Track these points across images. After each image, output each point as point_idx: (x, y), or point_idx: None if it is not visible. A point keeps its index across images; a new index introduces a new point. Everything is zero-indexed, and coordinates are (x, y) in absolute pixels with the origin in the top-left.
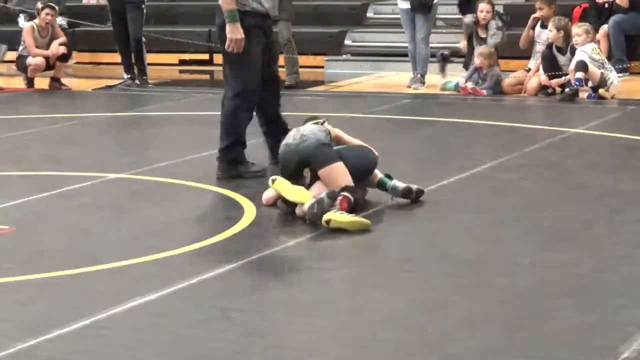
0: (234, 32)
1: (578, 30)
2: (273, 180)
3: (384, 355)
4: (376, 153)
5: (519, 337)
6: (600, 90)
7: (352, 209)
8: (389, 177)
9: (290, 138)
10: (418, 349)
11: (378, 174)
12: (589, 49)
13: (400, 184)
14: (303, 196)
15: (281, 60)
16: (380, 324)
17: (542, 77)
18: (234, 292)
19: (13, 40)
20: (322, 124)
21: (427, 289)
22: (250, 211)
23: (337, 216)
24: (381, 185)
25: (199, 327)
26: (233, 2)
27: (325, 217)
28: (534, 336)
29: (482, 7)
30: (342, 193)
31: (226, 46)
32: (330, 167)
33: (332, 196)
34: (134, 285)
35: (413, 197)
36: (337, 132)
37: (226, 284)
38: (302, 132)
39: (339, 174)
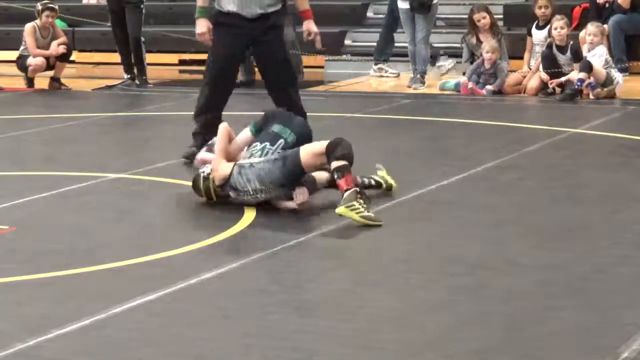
0: (197, 27)
1: (595, 30)
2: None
3: (384, 355)
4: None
5: (519, 337)
6: (597, 90)
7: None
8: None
9: None
10: (418, 349)
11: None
12: (604, 50)
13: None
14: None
15: None
16: (380, 324)
17: (543, 75)
18: (234, 292)
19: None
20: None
21: (427, 289)
22: (250, 211)
23: (353, 214)
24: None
25: (199, 327)
26: (202, 0)
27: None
28: (534, 336)
29: (478, 16)
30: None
31: None
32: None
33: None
34: (134, 285)
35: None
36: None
37: (226, 284)
38: None
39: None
